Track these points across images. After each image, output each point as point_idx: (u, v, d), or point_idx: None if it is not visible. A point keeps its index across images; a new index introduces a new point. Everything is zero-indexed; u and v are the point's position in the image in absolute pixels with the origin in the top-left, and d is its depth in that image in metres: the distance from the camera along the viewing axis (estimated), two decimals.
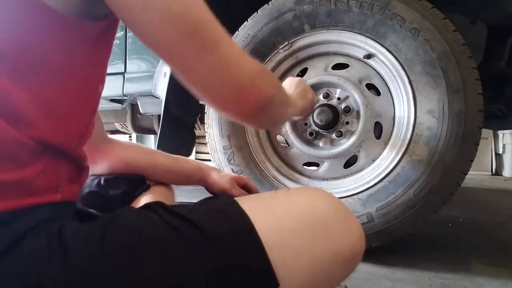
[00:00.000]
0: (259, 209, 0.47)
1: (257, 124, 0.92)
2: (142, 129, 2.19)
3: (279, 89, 0.57)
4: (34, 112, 0.40)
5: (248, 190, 0.84)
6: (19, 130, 0.38)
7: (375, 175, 1.09)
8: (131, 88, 1.53)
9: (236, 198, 0.50)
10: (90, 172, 0.77)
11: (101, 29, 0.45)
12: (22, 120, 0.39)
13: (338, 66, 1.18)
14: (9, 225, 0.37)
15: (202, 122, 1.66)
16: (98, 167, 0.76)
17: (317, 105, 1.16)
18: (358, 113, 1.13)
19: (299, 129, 1.22)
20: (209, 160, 1.29)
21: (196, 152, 4.40)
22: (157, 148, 1.44)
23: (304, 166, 1.24)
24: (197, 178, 0.83)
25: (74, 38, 0.42)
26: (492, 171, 4.52)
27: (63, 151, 0.44)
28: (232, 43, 0.48)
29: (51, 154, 0.42)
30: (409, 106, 1.06)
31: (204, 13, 0.44)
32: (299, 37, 1.18)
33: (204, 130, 1.30)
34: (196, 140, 1.93)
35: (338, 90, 1.17)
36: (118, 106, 1.81)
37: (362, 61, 1.14)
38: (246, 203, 0.48)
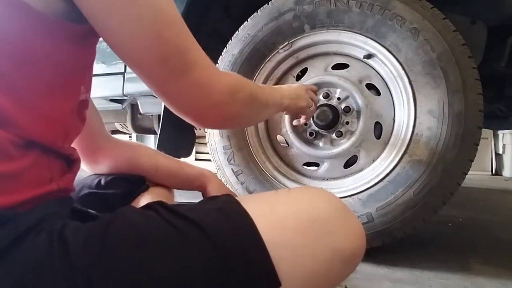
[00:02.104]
0: (260, 208, 0.48)
1: (228, 128, 1.16)
2: (142, 129, 2.19)
3: (250, 101, 0.61)
4: (15, 113, 0.39)
5: None
6: (4, 129, 0.38)
7: (375, 175, 1.09)
8: (131, 88, 1.52)
9: (237, 198, 0.50)
10: (92, 172, 0.78)
11: (85, 31, 0.45)
12: (5, 121, 0.39)
13: (338, 66, 1.18)
14: (10, 223, 0.37)
15: None
16: (101, 166, 0.76)
17: (317, 105, 1.16)
18: (358, 113, 1.13)
19: (299, 129, 1.21)
20: (209, 160, 1.29)
21: (196, 152, 4.40)
22: (157, 148, 1.44)
23: (304, 166, 1.24)
24: (198, 184, 0.83)
25: (57, 39, 0.42)
26: (492, 171, 4.51)
27: (51, 148, 0.44)
28: (204, 67, 0.51)
29: (40, 150, 0.43)
30: (409, 106, 1.06)
31: (180, 39, 0.47)
32: (299, 37, 1.17)
33: (204, 130, 1.30)
34: (196, 140, 1.93)
35: (338, 90, 1.17)
36: (118, 106, 1.81)
37: (362, 61, 1.14)
38: (247, 202, 0.48)
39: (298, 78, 1.23)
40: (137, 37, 0.44)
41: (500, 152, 4.44)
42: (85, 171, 0.76)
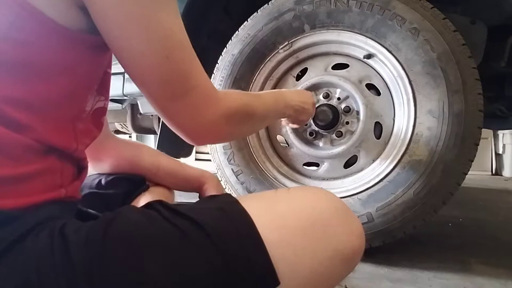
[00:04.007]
0: (260, 208, 0.48)
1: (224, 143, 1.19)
2: (142, 129, 2.20)
3: (246, 120, 0.62)
4: (26, 117, 0.40)
5: None
6: (22, 134, 0.39)
7: (375, 175, 1.09)
8: (131, 88, 1.52)
9: (237, 197, 0.50)
10: (94, 170, 0.78)
11: (100, 42, 0.46)
12: (20, 125, 0.39)
13: (338, 66, 1.18)
14: (13, 223, 0.38)
15: None
16: (102, 165, 0.76)
17: (317, 105, 1.16)
18: (358, 113, 1.14)
19: (299, 129, 1.22)
20: (209, 160, 1.29)
21: (196, 152, 4.41)
22: (157, 148, 1.44)
23: (304, 166, 1.24)
24: (198, 184, 0.83)
25: (73, 49, 0.44)
26: (492, 171, 4.52)
27: (66, 152, 0.45)
28: (204, 92, 0.52)
29: (56, 155, 0.43)
30: (409, 106, 1.06)
31: (185, 64, 0.49)
32: (299, 37, 1.18)
33: None
34: None
35: (338, 90, 1.17)
36: (118, 106, 1.81)
37: (362, 61, 1.14)
38: (247, 201, 0.48)
39: (298, 78, 1.23)
40: (145, 57, 0.45)
41: (500, 152, 4.44)
42: None
